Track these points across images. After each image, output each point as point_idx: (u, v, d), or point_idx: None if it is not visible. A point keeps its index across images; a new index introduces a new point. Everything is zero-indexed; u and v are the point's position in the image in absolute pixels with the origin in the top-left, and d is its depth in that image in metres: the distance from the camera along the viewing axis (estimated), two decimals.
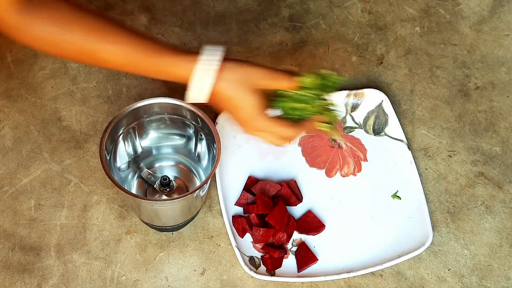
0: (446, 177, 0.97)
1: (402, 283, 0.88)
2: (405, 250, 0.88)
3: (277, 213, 0.87)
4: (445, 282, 0.88)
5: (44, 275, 0.86)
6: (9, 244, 0.88)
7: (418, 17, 1.15)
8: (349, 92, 1.01)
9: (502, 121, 1.03)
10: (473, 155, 1.00)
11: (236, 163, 0.96)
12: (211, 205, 0.93)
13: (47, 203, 0.92)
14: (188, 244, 0.89)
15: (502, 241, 0.92)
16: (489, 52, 1.11)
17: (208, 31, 1.11)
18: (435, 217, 0.93)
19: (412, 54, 1.10)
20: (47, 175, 0.94)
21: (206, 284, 0.86)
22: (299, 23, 1.13)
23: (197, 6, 1.14)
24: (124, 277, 0.86)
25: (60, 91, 1.02)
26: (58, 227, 0.90)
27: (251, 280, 0.87)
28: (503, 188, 0.97)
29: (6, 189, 0.93)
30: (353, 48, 1.11)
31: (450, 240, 0.91)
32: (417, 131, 1.02)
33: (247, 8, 1.15)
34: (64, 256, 0.88)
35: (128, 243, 0.89)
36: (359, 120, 1.01)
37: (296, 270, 0.87)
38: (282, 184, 0.92)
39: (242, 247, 0.87)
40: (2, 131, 0.98)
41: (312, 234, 0.90)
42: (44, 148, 0.96)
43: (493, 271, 0.89)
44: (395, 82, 1.07)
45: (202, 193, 0.83)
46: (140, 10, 1.13)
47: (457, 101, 1.05)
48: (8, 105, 1.00)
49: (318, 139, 0.99)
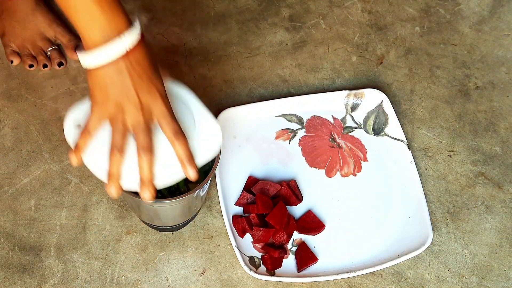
0: (446, 177, 0.97)
1: (402, 283, 0.88)
2: (405, 250, 0.88)
3: (277, 213, 0.87)
4: (445, 282, 0.88)
5: (44, 275, 0.86)
6: (9, 244, 0.88)
7: (418, 17, 1.15)
8: (349, 92, 1.01)
9: (502, 121, 1.03)
10: (473, 155, 1.00)
11: (236, 163, 0.96)
12: (211, 205, 0.93)
13: (47, 203, 0.92)
14: (188, 244, 0.89)
15: (502, 241, 0.92)
16: (489, 52, 1.11)
17: (208, 31, 1.11)
18: (435, 217, 0.93)
19: (412, 54, 1.10)
20: (47, 175, 0.94)
21: (206, 284, 0.86)
22: (299, 23, 1.13)
23: (197, 6, 1.14)
24: (124, 277, 0.86)
25: (60, 91, 1.02)
26: (58, 227, 0.90)
27: (251, 280, 0.87)
28: (503, 188, 0.97)
29: (6, 189, 0.93)
30: (353, 48, 1.11)
31: (450, 240, 0.91)
32: (417, 131, 1.02)
33: (247, 8, 1.15)
34: (64, 256, 0.88)
35: (128, 243, 0.89)
36: (359, 120, 1.01)
37: (296, 270, 0.87)
38: (282, 184, 0.92)
39: (242, 247, 0.87)
40: (2, 131, 0.98)
41: (312, 234, 0.90)
42: (44, 148, 0.96)
43: (493, 271, 0.89)
44: (395, 82, 1.07)
45: (202, 193, 0.83)
46: (140, 10, 1.13)
47: (457, 101, 1.05)
48: (8, 105, 1.00)
49: (318, 139, 0.99)
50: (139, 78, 0.68)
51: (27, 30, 1.03)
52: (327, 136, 1.00)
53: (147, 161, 0.70)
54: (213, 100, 1.03)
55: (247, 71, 1.07)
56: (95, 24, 0.65)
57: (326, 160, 0.97)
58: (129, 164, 0.71)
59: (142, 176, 0.71)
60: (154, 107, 0.70)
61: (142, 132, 0.70)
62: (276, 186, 0.92)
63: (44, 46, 1.04)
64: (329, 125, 1.01)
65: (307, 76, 1.07)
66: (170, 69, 1.06)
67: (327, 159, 0.97)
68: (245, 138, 0.98)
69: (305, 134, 1.00)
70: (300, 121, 1.01)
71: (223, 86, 1.05)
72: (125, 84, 0.68)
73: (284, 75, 1.07)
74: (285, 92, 1.05)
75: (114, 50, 0.66)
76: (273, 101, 1.00)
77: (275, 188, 0.92)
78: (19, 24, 1.03)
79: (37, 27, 1.04)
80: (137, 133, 0.70)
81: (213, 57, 1.08)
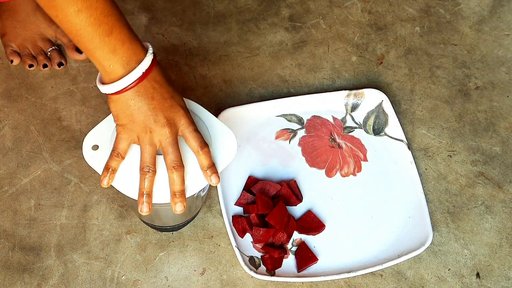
0: (446, 177, 0.97)
1: (402, 283, 0.88)
2: (405, 250, 0.88)
3: (277, 213, 0.87)
4: (445, 282, 0.88)
5: (44, 275, 0.86)
6: (9, 244, 0.88)
7: (418, 17, 1.15)
8: (349, 92, 1.01)
9: (502, 121, 1.03)
10: (473, 155, 1.00)
11: (236, 163, 0.96)
12: (211, 205, 0.93)
13: (47, 203, 0.92)
14: (188, 244, 0.89)
15: (502, 241, 0.92)
16: (489, 52, 1.11)
17: (208, 31, 1.11)
18: (435, 217, 0.93)
19: (412, 54, 1.10)
20: (47, 175, 0.94)
21: (206, 284, 0.86)
22: (299, 23, 1.14)
23: (197, 6, 1.14)
24: (124, 277, 0.86)
25: (60, 91, 1.02)
26: (58, 227, 0.90)
27: (251, 280, 0.87)
28: (503, 188, 0.97)
29: (6, 189, 0.93)
30: (353, 48, 1.11)
31: (450, 240, 0.91)
32: (417, 131, 1.02)
33: (247, 8, 1.15)
34: (64, 256, 0.88)
35: (128, 243, 0.89)
36: (359, 120, 1.01)
37: (296, 270, 0.87)
38: (282, 184, 0.92)
39: (242, 247, 0.87)
40: (2, 131, 0.98)
41: (312, 234, 0.90)
42: (44, 148, 0.96)
43: (493, 271, 0.89)
44: (395, 82, 1.07)
45: (202, 193, 0.83)
46: (140, 10, 1.13)
47: (457, 101, 1.05)
48: (8, 105, 1.00)
49: (318, 139, 0.99)
50: (159, 96, 0.70)
51: (28, 30, 1.03)
52: (327, 136, 1.00)
53: (178, 175, 0.72)
54: (213, 100, 1.03)
55: (247, 71, 1.07)
56: (117, 58, 0.67)
57: (326, 160, 0.97)
58: (159, 180, 0.74)
59: (175, 190, 0.73)
60: (178, 121, 0.72)
61: (171, 148, 0.72)
62: (276, 186, 0.92)
63: (45, 46, 1.04)
64: (329, 125, 1.01)
65: (307, 76, 1.07)
66: (170, 69, 1.06)
67: (327, 159, 0.97)
68: (245, 138, 0.98)
69: (305, 134, 1.00)
70: (300, 121, 1.01)
71: (223, 86, 1.05)
72: (148, 105, 0.70)
73: (284, 75, 1.07)
74: (285, 92, 1.05)
75: (134, 76, 0.68)
76: (273, 101, 1.00)
77: (275, 188, 0.92)
78: (20, 24, 1.03)
79: (37, 27, 1.04)
80: (166, 150, 0.72)
81: (213, 57, 1.08)
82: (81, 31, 0.64)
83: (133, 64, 0.68)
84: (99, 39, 0.65)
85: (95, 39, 0.65)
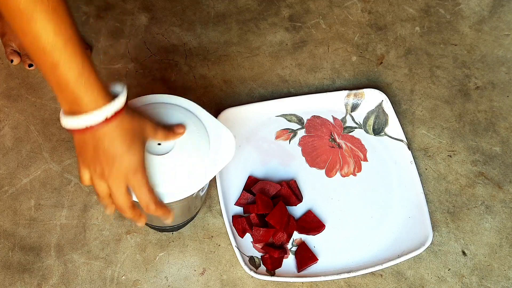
0: (446, 177, 0.97)
1: (402, 283, 0.88)
2: (405, 250, 0.88)
3: (277, 213, 0.87)
4: (445, 282, 0.88)
5: (44, 275, 0.86)
6: (9, 244, 0.88)
7: (418, 17, 1.15)
8: (349, 92, 1.01)
9: (502, 121, 1.03)
10: (473, 155, 1.00)
11: (236, 163, 0.96)
12: (211, 205, 0.93)
13: (47, 203, 0.92)
14: (188, 244, 0.89)
15: (502, 241, 0.92)
16: (489, 52, 1.11)
17: (208, 31, 1.11)
18: (435, 217, 0.93)
19: (412, 54, 1.10)
20: (47, 175, 0.94)
21: (206, 284, 0.86)
22: (299, 23, 1.14)
23: (197, 6, 1.14)
24: (124, 277, 0.86)
25: None
26: (58, 227, 0.90)
27: (251, 280, 0.87)
28: (503, 188, 0.97)
29: (6, 189, 0.93)
30: (353, 48, 1.11)
31: (450, 240, 0.91)
32: (417, 131, 1.02)
33: (247, 8, 1.15)
34: (64, 256, 0.88)
35: (128, 243, 0.89)
36: (359, 120, 1.01)
37: (296, 270, 0.87)
38: (282, 184, 0.92)
39: (242, 247, 0.87)
40: (2, 131, 0.98)
41: (312, 234, 0.90)
42: (44, 148, 0.96)
43: (493, 271, 0.89)
44: (395, 82, 1.07)
45: (202, 193, 0.83)
46: (140, 10, 1.13)
47: (457, 101, 1.05)
48: (8, 105, 1.00)
49: (318, 139, 0.99)
50: (119, 144, 0.67)
51: None
52: (327, 136, 1.00)
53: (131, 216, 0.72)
54: (213, 100, 1.03)
55: (247, 71, 1.07)
56: (79, 100, 0.65)
57: (326, 160, 0.97)
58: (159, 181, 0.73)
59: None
60: (130, 176, 0.69)
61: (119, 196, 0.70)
62: (276, 186, 0.92)
63: None
64: (329, 125, 1.01)
65: (307, 76, 1.07)
66: (170, 69, 1.06)
67: (327, 159, 0.97)
68: (245, 138, 0.98)
69: (305, 134, 1.00)
70: (300, 121, 1.01)
71: (223, 86, 1.05)
72: (102, 149, 0.67)
73: (284, 75, 1.07)
74: (285, 92, 1.05)
75: (93, 119, 0.65)
76: (273, 101, 1.00)
77: (275, 188, 0.92)
78: None
79: None
80: (115, 196, 0.70)
81: (213, 57, 1.08)
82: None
83: (93, 107, 0.65)
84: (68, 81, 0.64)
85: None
